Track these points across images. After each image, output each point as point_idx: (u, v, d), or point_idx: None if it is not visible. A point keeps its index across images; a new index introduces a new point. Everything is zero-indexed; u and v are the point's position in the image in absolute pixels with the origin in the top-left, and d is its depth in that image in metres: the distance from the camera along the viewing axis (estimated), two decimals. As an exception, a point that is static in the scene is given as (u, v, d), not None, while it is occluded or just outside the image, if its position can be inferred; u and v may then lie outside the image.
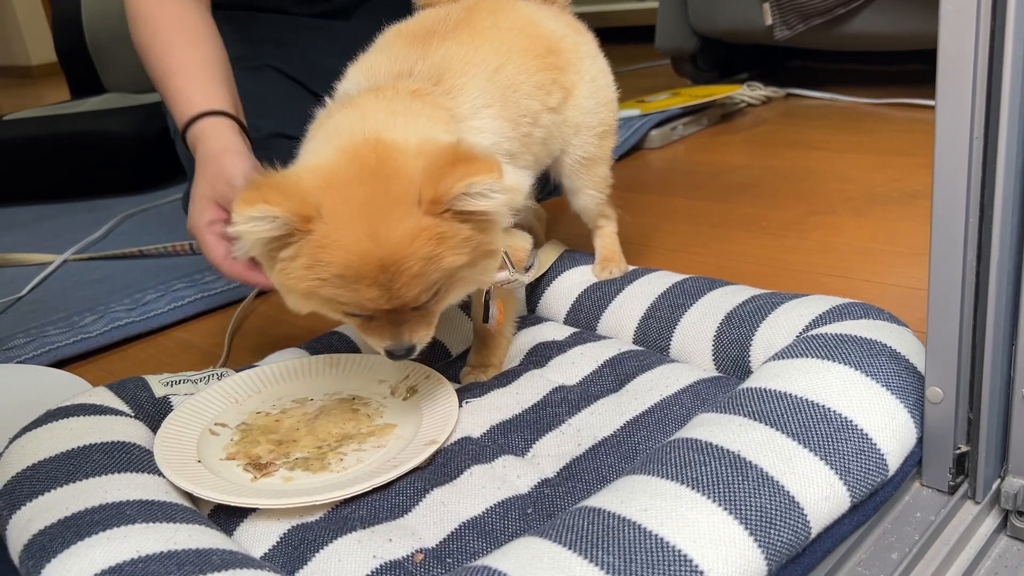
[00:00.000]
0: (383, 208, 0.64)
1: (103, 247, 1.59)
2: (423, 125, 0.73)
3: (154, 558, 0.56)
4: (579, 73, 0.95)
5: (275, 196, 0.63)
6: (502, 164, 0.67)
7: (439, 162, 0.65)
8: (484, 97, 0.81)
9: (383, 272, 0.64)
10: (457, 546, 0.63)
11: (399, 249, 0.64)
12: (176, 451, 0.74)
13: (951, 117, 0.57)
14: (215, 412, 0.82)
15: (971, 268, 0.60)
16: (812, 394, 0.65)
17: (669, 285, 0.93)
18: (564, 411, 0.79)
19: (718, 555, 0.53)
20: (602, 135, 0.99)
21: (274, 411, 0.83)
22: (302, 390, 0.87)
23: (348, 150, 0.67)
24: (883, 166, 1.45)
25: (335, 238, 0.64)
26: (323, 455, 0.75)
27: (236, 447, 0.77)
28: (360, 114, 0.73)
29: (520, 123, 0.84)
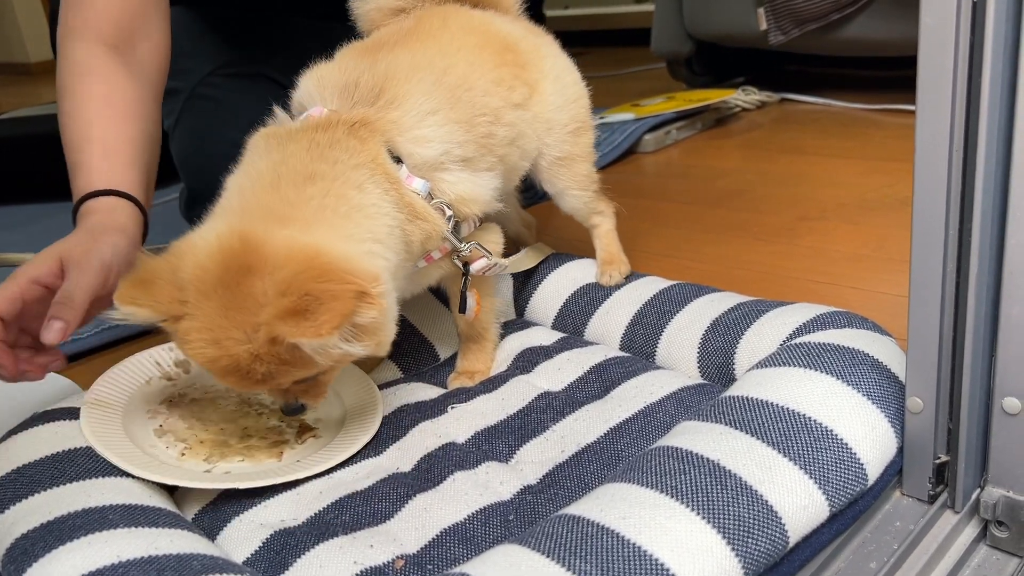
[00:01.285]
0: (231, 322, 0.65)
1: (97, 247, 1.59)
2: (329, 198, 0.70)
3: (134, 563, 0.56)
4: (542, 71, 0.94)
5: (145, 298, 0.65)
6: (369, 288, 0.65)
7: (280, 304, 0.63)
8: (430, 102, 0.79)
9: (231, 374, 0.67)
10: (438, 552, 0.63)
11: (241, 363, 0.65)
12: (108, 424, 0.74)
13: (931, 129, 0.57)
14: (143, 384, 0.82)
15: (951, 279, 0.60)
16: (793, 403, 0.65)
17: (656, 292, 0.93)
18: (549, 417, 0.79)
19: (695, 564, 0.53)
20: (576, 132, 0.98)
21: (207, 395, 0.83)
22: None
23: (224, 243, 0.66)
24: (875, 172, 1.46)
25: (191, 336, 0.66)
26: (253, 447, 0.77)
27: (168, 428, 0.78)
28: (274, 177, 0.71)
29: (477, 123, 0.82)
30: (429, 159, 0.78)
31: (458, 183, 0.81)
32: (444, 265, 0.85)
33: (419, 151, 0.78)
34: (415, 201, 0.77)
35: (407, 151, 0.77)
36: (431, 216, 0.78)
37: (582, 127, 1.00)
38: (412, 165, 0.78)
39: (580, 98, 1.00)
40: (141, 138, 0.94)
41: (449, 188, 0.80)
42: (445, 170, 0.80)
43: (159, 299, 0.66)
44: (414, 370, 0.95)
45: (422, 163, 0.78)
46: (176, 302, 0.66)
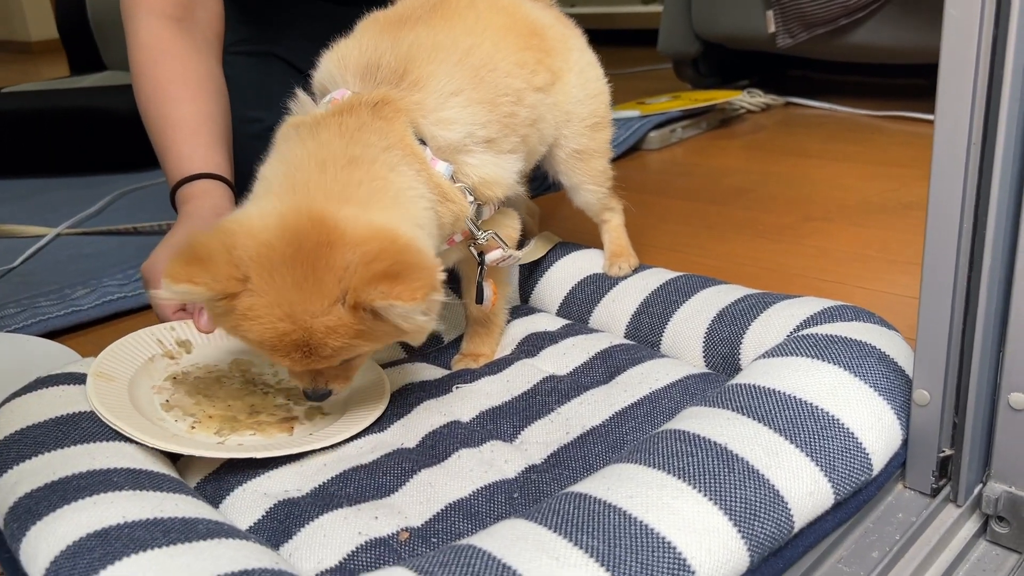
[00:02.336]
0: (308, 296, 0.64)
1: (98, 223, 1.59)
2: (377, 181, 0.71)
3: (140, 524, 0.56)
4: (567, 61, 0.94)
5: (200, 274, 0.63)
6: (438, 280, 0.65)
7: (372, 268, 0.64)
8: (453, 83, 0.78)
9: (297, 350, 0.66)
10: (443, 526, 0.63)
11: (315, 337, 0.65)
12: (112, 392, 0.74)
13: (951, 122, 0.57)
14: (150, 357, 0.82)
15: (963, 274, 0.60)
16: (800, 392, 0.66)
17: (663, 282, 0.94)
18: (554, 400, 0.79)
19: (701, 544, 0.53)
20: (594, 127, 0.98)
21: (211, 374, 0.83)
22: (248, 353, 0.87)
23: (290, 222, 0.66)
24: (879, 176, 1.46)
25: (258, 312, 0.65)
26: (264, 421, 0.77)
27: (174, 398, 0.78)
28: (318, 161, 0.71)
29: (500, 103, 0.81)
30: (453, 141, 0.78)
31: (481, 166, 0.80)
32: (461, 250, 0.85)
33: (443, 133, 0.77)
34: (443, 182, 0.77)
35: (430, 133, 0.77)
36: (458, 197, 0.78)
37: (601, 123, 1.00)
38: (436, 148, 0.77)
39: (601, 94, 1.00)
40: (218, 112, 1.01)
41: (472, 171, 0.80)
42: (469, 152, 0.80)
43: (217, 276, 0.64)
44: (418, 351, 0.95)
45: (446, 145, 0.78)
46: (234, 279, 0.64)
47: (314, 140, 0.73)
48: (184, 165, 0.95)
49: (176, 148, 0.96)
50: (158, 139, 0.98)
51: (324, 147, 0.72)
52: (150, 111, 0.99)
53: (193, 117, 0.98)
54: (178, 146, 0.96)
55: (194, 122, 0.97)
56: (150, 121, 1.00)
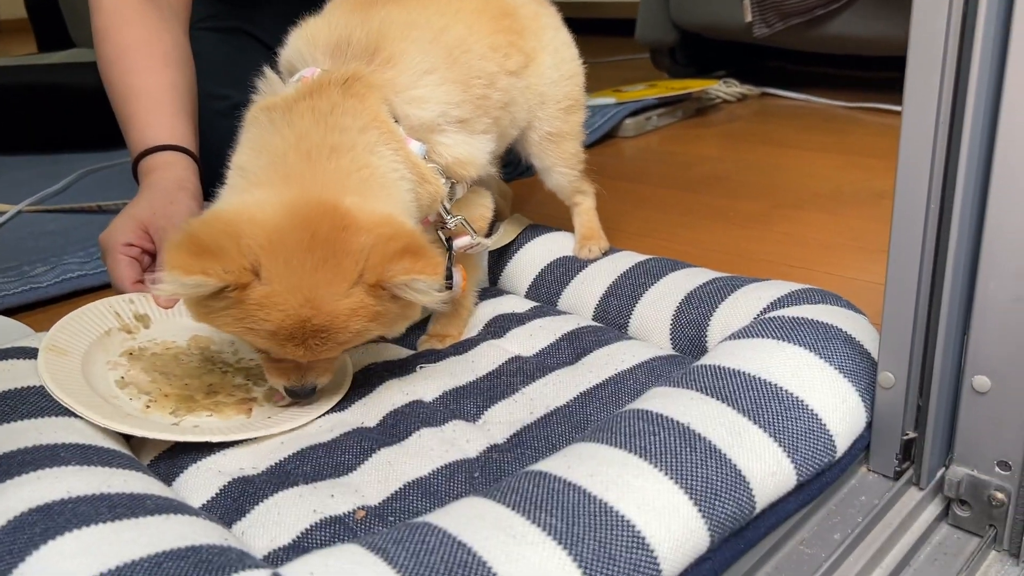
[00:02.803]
0: (328, 280, 0.64)
1: (62, 201, 1.56)
2: (363, 170, 0.70)
3: (85, 499, 0.54)
4: (540, 41, 0.93)
5: (212, 266, 0.61)
6: (439, 258, 0.67)
7: (391, 246, 0.65)
8: (426, 61, 0.77)
9: (314, 337, 0.66)
10: (400, 505, 0.62)
11: (336, 321, 0.65)
12: (64, 369, 0.72)
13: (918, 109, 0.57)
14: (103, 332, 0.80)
15: (929, 254, 0.60)
16: (765, 373, 0.65)
17: (632, 264, 0.93)
18: (519, 380, 0.78)
19: (661, 522, 0.52)
20: (568, 109, 0.97)
21: (169, 350, 0.81)
22: (207, 330, 0.84)
23: (300, 212, 0.65)
24: (851, 166, 1.46)
25: (276, 301, 0.64)
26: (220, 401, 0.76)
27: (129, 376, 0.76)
28: (301, 152, 0.69)
29: (473, 85, 0.80)
30: (426, 120, 0.77)
31: (455, 145, 0.79)
32: (429, 233, 0.84)
33: (416, 112, 0.76)
34: (419, 162, 0.76)
35: (404, 112, 0.76)
36: (434, 178, 0.77)
37: (574, 105, 0.99)
38: (409, 127, 0.76)
39: (576, 75, 0.99)
40: (183, 83, 0.99)
41: (446, 151, 0.79)
42: (442, 132, 0.79)
43: (229, 267, 0.62)
44: (383, 332, 0.93)
45: (419, 124, 0.77)
46: (246, 270, 0.63)
47: (290, 128, 0.71)
48: (147, 135, 0.93)
49: (139, 118, 0.94)
50: (121, 108, 0.96)
51: (304, 137, 0.70)
52: (113, 78, 0.97)
53: (157, 87, 0.96)
54: (141, 116, 0.94)
55: (158, 92, 0.95)
56: (113, 88, 0.97)
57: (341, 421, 0.74)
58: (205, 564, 0.48)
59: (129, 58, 0.97)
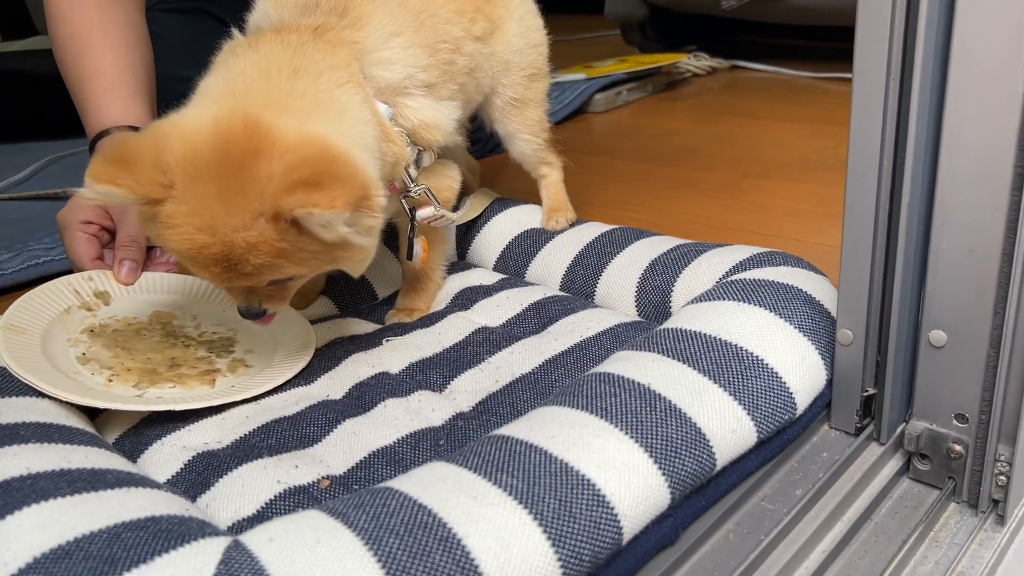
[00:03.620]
0: (230, 206, 0.61)
1: (27, 188, 1.54)
2: (322, 94, 0.68)
3: (44, 475, 0.54)
4: (507, 9, 0.93)
5: (123, 176, 0.60)
6: (372, 191, 0.62)
7: (292, 175, 0.60)
8: (393, 24, 0.77)
9: (216, 264, 0.63)
10: (365, 474, 0.62)
11: (234, 250, 0.62)
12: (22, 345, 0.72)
13: (868, 55, 0.58)
14: (63, 309, 0.80)
15: (883, 211, 0.61)
16: (725, 334, 0.66)
17: (598, 234, 0.93)
18: (485, 350, 0.78)
19: (621, 480, 0.53)
20: (532, 77, 0.97)
21: (130, 326, 0.81)
22: (169, 305, 0.85)
23: (223, 127, 0.62)
24: (819, 134, 1.47)
25: (178, 222, 0.62)
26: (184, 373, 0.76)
27: (91, 351, 0.76)
28: (261, 69, 0.68)
29: (439, 49, 0.80)
30: (393, 82, 0.76)
31: (421, 109, 0.79)
32: (395, 202, 0.84)
33: (383, 74, 0.76)
34: (385, 121, 0.75)
35: (371, 74, 0.75)
36: (399, 140, 0.76)
37: (538, 73, 0.99)
38: (376, 88, 0.76)
39: (541, 44, 0.99)
40: (139, 63, 0.97)
41: (412, 114, 0.78)
42: (409, 95, 0.78)
43: (140, 180, 0.60)
44: (350, 307, 0.93)
45: (386, 86, 0.76)
46: (158, 185, 0.61)
47: (255, 52, 0.70)
48: (102, 117, 0.92)
49: (94, 100, 0.93)
50: (76, 90, 0.95)
51: (267, 57, 0.69)
52: (67, 60, 0.96)
53: (112, 68, 0.94)
54: (96, 98, 0.93)
55: (112, 73, 0.94)
56: (67, 70, 0.96)
57: (307, 394, 0.74)
58: (164, 533, 0.48)
59: (83, 40, 0.95)
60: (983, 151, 0.55)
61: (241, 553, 0.46)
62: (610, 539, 0.51)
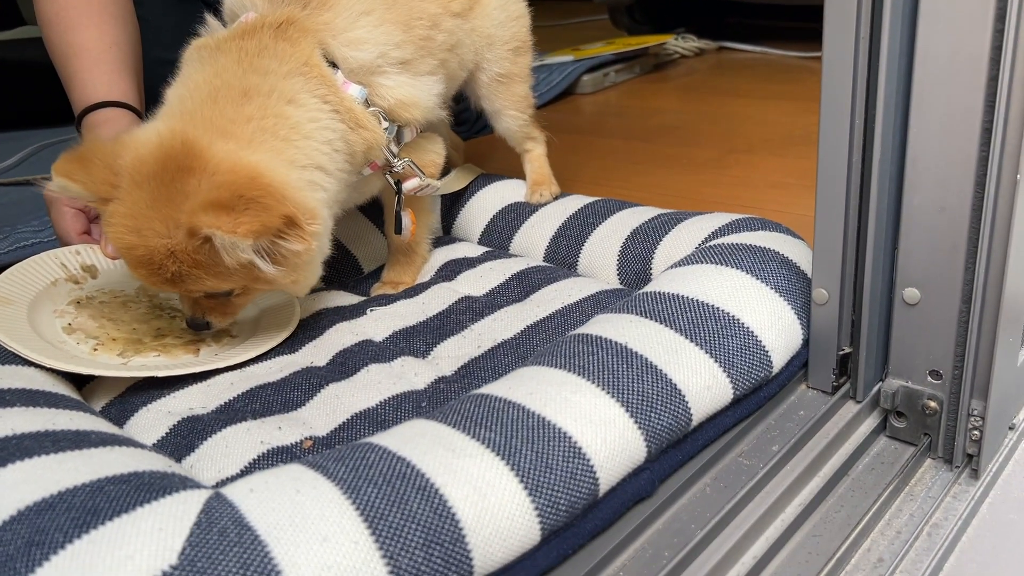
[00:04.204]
0: (157, 213, 0.66)
1: (15, 175, 1.54)
2: (268, 119, 0.70)
3: (29, 436, 0.54)
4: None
5: (80, 174, 0.67)
6: (300, 220, 0.65)
7: (209, 195, 0.64)
8: (363, 3, 0.77)
9: (142, 266, 0.68)
10: (347, 435, 0.63)
11: (155, 255, 0.66)
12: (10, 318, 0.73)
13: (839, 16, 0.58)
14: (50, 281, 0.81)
15: (856, 170, 0.61)
16: (703, 295, 0.66)
17: (581, 206, 0.94)
18: (468, 318, 0.79)
19: (596, 433, 0.54)
20: (516, 51, 0.98)
21: (117, 298, 0.82)
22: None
23: (165, 144, 0.67)
24: (803, 111, 1.48)
25: (116, 220, 0.67)
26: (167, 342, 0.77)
27: (77, 321, 0.77)
28: (211, 89, 0.71)
29: (414, 26, 0.80)
30: (365, 62, 0.77)
31: (397, 87, 0.79)
32: (379, 178, 0.85)
33: (354, 54, 0.76)
34: (355, 107, 0.75)
35: (342, 55, 0.76)
36: (372, 124, 0.77)
37: (522, 47, 0.99)
38: (348, 70, 0.76)
39: (522, 16, 1.00)
40: (124, 39, 0.98)
41: (388, 92, 0.79)
42: (383, 74, 0.78)
43: (93, 178, 0.67)
44: (336, 281, 0.94)
45: (358, 67, 0.76)
46: (108, 185, 0.67)
47: (212, 65, 0.73)
48: (88, 93, 0.92)
49: (80, 76, 0.93)
50: (63, 66, 0.96)
51: (219, 75, 0.72)
52: (53, 38, 0.96)
53: (96, 43, 0.95)
54: (82, 74, 0.93)
55: (97, 49, 0.95)
56: (53, 48, 0.97)
57: (291, 362, 0.74)
58: (147, 486, 0.48)
59: (68, 16, 0.96)
60: (951, 108, 0.56)
61: (221, 503, 0.46)
62: (586, 490, 0.52)
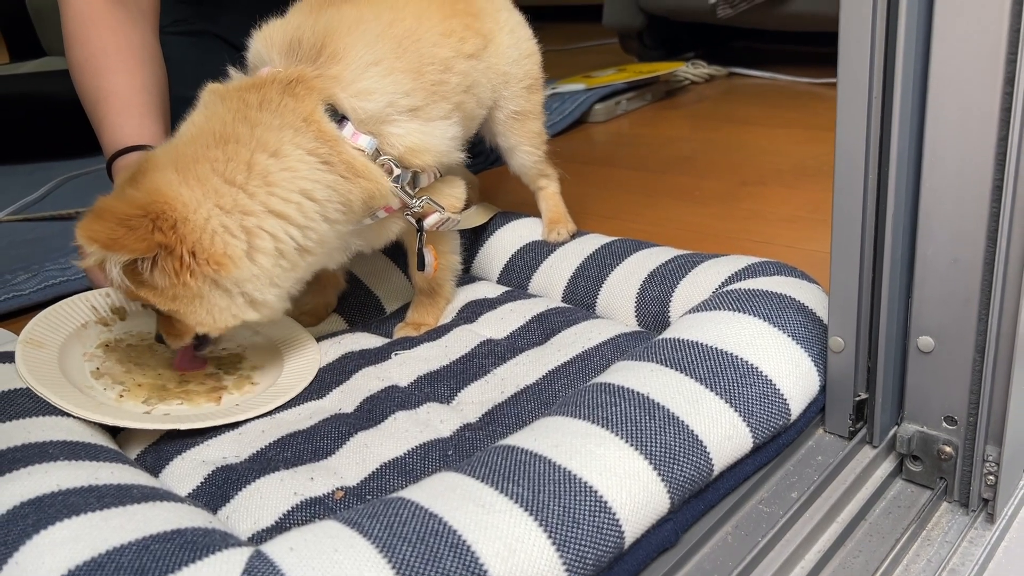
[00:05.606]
0: (97, 228, 0.69)
1: (40, 209, 1.57)
2: (232, 163, 0.73)
3: (74, 491, 0.56)
4: (497, 22, 0.95)
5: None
6: (175, 252, 0.69)
7: (118, 206, 0.69)
8: (372, 54, 0.79)
9: (100, 269, 0.72)
10: (378, 484, 0.65)
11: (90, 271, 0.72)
12: (42, 363, 0.75)
13: (852, 76, 0.60)
14: (78, 326, 0.84)
15: (870, 223, 0.63)
16: (721, 343, 0.68)
17: (598, 246, 0.96)
18: (490, 362, 0.81)
19: (622, 487, 0.56)
20: (530, 88, 1.00)
21: (144, 341, 0.85)
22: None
23: (134, 163, 0.73)
24: (814, 140, 1.50)
25: (82, 226, 0.70)
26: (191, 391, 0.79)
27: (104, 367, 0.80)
28: (198, 131, 0.75)
29: (425, 72, 0.82)
30: (374, 112, 0.78)
31: (407, 135, 0.81)
32: (399, 220, 0.86)
33: (363, 105, 0.78)
34: (354, 159, 0.77)
35: (351, 106, 0.77)
36: (372, 174, 0.78)
37: (534, 84, 1.02)
38: (358, 120, 0.78)
39: (534, 54, 1.02)
40: (152, 82, 1.02)
41: (397, 141, 0.80)
42: (392, 122, 0.80)
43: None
44: (359, 322, 0.96)
45: (367, 117, 0.78)
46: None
47: (211, 110, 0.76)
48: (117, 137, 0.96)
49: (110, 120, 0.97)
50: (93, 111, 0.99)
51: (210, 120, 0.75)
52: (84, 82, 1.00)
53: (126, 88, 0.98)
54: (111, 118, 0.97)
55: (127, 93, 0.98)
56: (84, 92, 1.00)
57: (319, 408, 0.76)
58: (190, 545, 0.50)
59: (99, 61, 0.99)
60: (963, 164, 0.57)
61: (263, 562, 0.48)
62: (612, 543, 0.54)
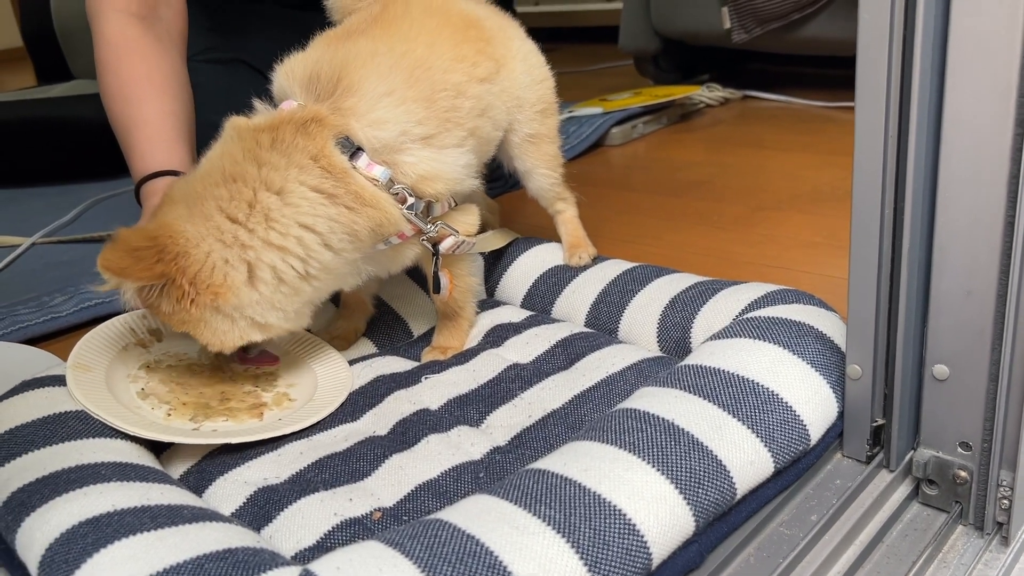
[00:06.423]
0: (120, 257, 0.74)
1: (72, 231, 1.61)
2: (235, 201, 0.77)
3: (128, 511, 0.59)
4: (509, 49, 0.98)
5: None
6: (179, 281, 0.74)
7: (132, 239, 0.75)
8: (385, 84, 0.81)
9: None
10: (413, 505, 0.68)
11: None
12: (91, 384, 0.79)
13: (869, 113, 0.63)
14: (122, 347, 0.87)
15: (887, 256, 0.66)
16: (743, 370, 0.71)
17: (620, 272, 0.99)
18: (517, 386, 0.84)
19: (649, 510, 0.58)
20: (544, 112, 1.03)
21: (182, 362, 0.88)
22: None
23: (160, 229, 0.77)
24: (830, 165, 1.52)
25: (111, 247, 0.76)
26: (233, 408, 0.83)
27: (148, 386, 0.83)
28: (209, 168, 0.79)
29: (438, 99, 0.84)
30: (387, 141, 0.80)
31: (419, 163, 0.82)
32: (415, 246, 0.88)
33: (376, 134, 0.80)
34: (363, 189, 0.79)
35: (365, 136, 0.79)
36: (380, 203, 0.80)
37: (549, 108, 1.04)
38: (372, 150, 0.80)
39: (547, 79, 1.05)
40: (180, 109, 1.06)
41: (410, 169, 0.82)
42: (405, 151, 0.82)
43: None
44: (388, 346, 0.99)
45: (381, 147, 0.80)
46: None
47: (227, 147, 0.80)
48: (146, 163, 0.99)
49: (139, 147, 1.01)
50: (123, 137, 1.03)
51: (223, 157, 0.79)
52: (115, 109, 1.04)
53: (156, 115, 1.02)
54: (141, 144, 1.01)
55: (156, 121, 1.02)
56: (115, 119, 1.04)
57: (354, 431, 0.79)
58: (242, 564, 0.53)
59: (130, 90, 1.03)
60: (976, 203, 0.60)
61: (312, 581, 0.51)
62: (641, 564, 0.56)
